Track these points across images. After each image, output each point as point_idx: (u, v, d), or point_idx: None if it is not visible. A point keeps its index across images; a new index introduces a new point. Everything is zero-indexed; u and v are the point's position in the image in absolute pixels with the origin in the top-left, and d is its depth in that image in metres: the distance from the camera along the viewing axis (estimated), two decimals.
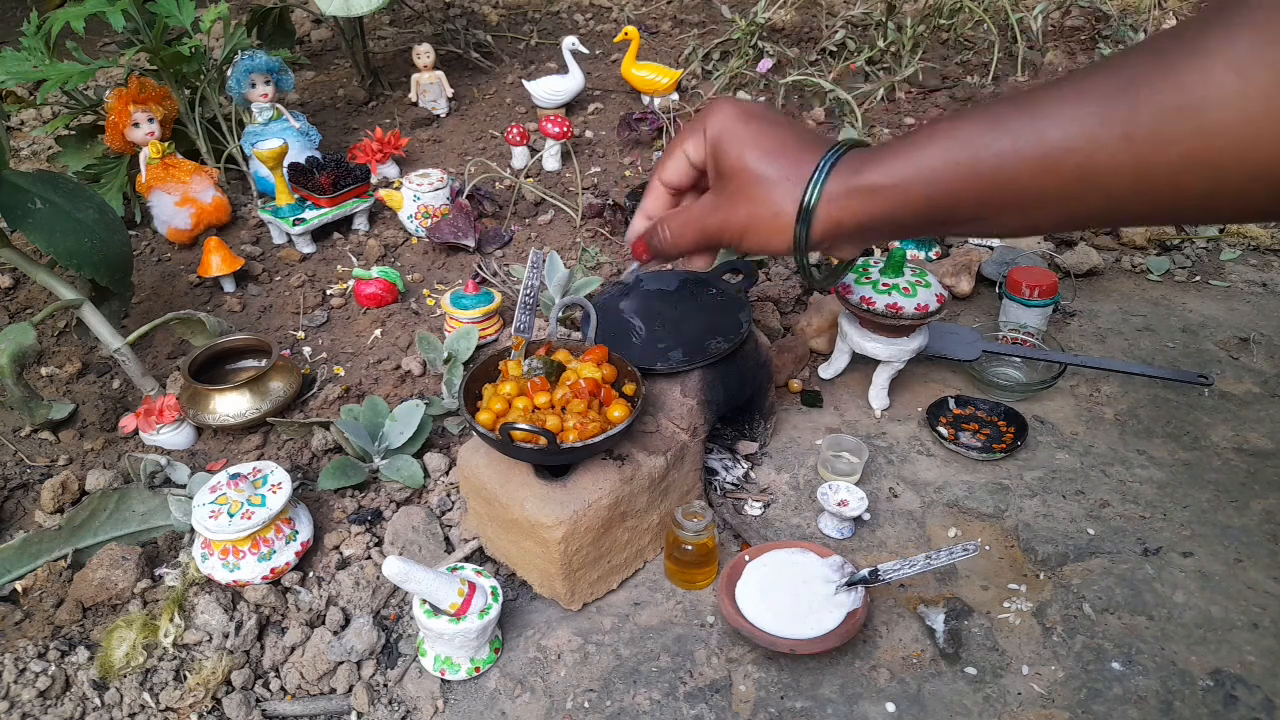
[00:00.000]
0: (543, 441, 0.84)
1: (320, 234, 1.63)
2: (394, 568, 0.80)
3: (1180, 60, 0.36)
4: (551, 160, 1.85)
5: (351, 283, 1.50)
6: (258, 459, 1.14)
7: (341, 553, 1.01)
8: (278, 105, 1.78)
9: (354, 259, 1.59)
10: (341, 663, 0.89)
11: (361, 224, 1.67)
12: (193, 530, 0.99)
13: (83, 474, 1.13)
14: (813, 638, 0.86)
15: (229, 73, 1.72)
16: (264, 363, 1.21)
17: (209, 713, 0.86)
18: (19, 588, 0.97)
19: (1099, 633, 0.92)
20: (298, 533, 0.98)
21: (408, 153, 1.90)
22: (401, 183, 1.65)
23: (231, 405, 1.16)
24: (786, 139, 0.52)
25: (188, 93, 1.70)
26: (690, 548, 0.94)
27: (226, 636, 0.89)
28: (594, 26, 2.67)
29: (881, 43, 2.21)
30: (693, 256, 0.61)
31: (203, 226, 1.61)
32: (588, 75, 2.18)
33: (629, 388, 0.94)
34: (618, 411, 0.89)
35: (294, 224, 1.57)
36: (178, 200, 1.57)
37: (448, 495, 1.08)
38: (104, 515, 1.02)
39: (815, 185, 0.49)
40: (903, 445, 1.18)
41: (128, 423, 1.20)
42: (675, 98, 2.07)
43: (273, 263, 1.58)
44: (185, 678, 0.86)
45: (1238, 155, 0.35)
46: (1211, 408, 1.24)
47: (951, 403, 1.22)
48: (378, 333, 1.39)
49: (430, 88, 2.10)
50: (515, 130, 1.80)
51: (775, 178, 0.51)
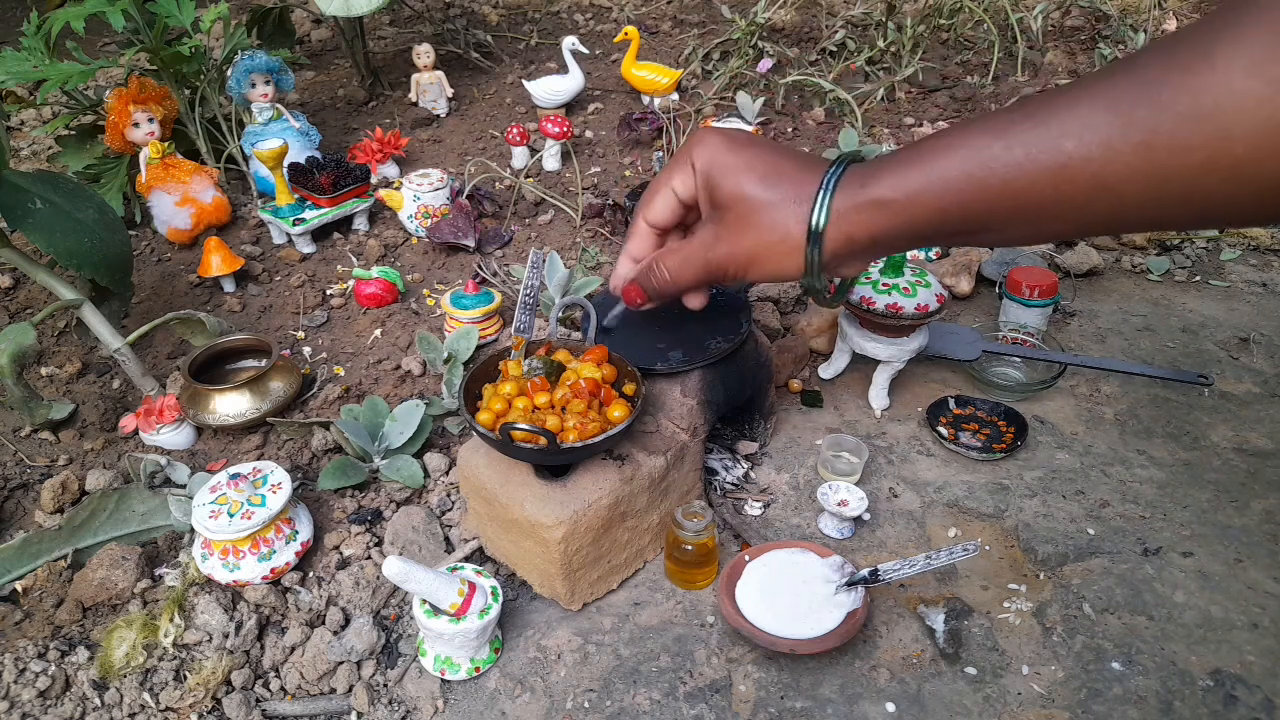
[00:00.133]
0: (543, 441, 0.84)
1: (320, 234, 1.64)
2: (394, 568, 0.80)
3: (1196, 64, 0.35)
4: (551, 160, 1.85)
5: (351, 283, 1.50)
6: (258, 459, 1.14)
7: (341, 553, 1.01)
8: (278, 105, 1.78)
9: (354, 259, 1.59)
10: (341, 663, 0.89)
11: (361, 224, 1.67)
12: (193, 530, 0.99)
13: (83, 474, 1.13)
14: (813, 638, 0.86)
15: (229, 73, 1.72)
16: (264, 363, 1.21)
17: (209, 713, 0.85)
18: (19, 588, 0.97)
19: (1099, 633, 0.92)
20: (298, 533, 0.98)
21: (408, 153, 1.90)
22: (401, 183, 1.65)
23: (231, 405, 1.16)
24: (781, 162, 0.51)
25: (188, 93, 1.71)
26: (690, 548, 0.94)
27: (226, 636, 0.89)
28: (594, 26, 2.67)
29: (881, 43, 2.21)
30: (691, 295, 0.60)
31: (203, 226, 1.61)
32: (588, 75, 2.18)
33: (629, 388, 0.94)
34: (618, 411, 0.89)
35: (294, 224, 1.57)
36: (178, 200, 1.57)
37: (448, 495, 1.08)
38: (104, 515, 1.02)
39: (822, 204, 0.48)
40: (903, 445, 1.18)
41: (128, 423, 1.20)
42: (675, 98, 2.08)
43: (273, 263, 1.58)
44: (185, 678, 0.86)
45: (1258, 159, 0.35)
46: (1211, 408, 1.24)
47: (951, 403, 1.22)
48: (378, 333, 1.39)
49: (430, 88, 2.10)
50: (515, 130, 1.80)
51: (777, 201, 0.49)
